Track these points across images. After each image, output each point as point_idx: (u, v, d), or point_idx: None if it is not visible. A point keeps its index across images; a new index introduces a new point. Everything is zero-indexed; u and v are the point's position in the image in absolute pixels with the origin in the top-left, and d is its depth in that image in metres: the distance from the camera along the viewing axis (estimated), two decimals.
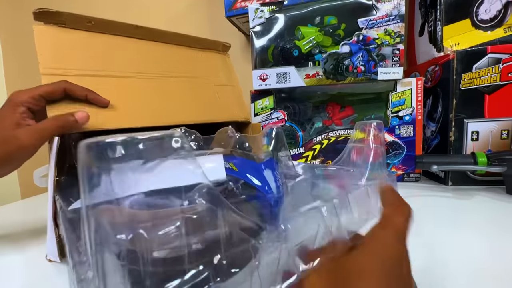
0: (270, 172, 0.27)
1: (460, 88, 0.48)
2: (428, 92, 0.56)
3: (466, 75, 0.47)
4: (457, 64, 0.47)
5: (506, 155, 0.42)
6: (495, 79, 0.46)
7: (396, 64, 0.51)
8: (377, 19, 0.50)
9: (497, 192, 0.45)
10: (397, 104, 0.54)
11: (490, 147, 0.48)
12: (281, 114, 0.60)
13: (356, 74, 0.53)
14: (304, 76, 0.55)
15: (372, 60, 0.52)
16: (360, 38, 0.51)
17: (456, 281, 0.24)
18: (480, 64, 0.47)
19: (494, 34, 0.50)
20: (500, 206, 0.40)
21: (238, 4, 0.59)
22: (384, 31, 0.50)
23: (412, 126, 0.53)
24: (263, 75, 0.56)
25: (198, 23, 0.82)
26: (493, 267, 0.26)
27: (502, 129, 0.47)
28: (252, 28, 0.56)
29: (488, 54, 0.46)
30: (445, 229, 0.33)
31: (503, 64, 0.46)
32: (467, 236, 0.32)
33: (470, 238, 0.31)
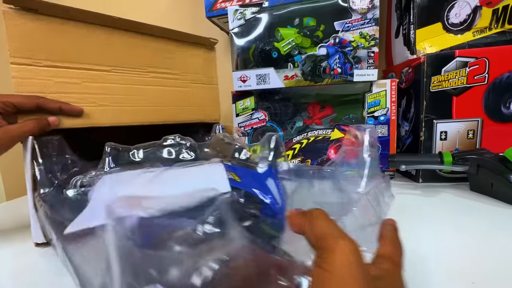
0: (273, 181, 0.27)
1: (430, 90, 0.50)
2: (402, 92, 0.58)
3: (435, 77, 0.49)
4: (427, 67, 0.49)
5: (469, 154, 0.44)
6: (462, 82, 0.49)
7: (371, 66, 0.53)
8: (352, 22, 0.52)
9: (462, 189, 0.48)
10: (372, 105, 0.56)
11: (458, 146, 0.51)
12: (262, 114, 0.61)
13: (333, 76, 0.54)
14: (283, 78, 0.56)
15: (348, 62, 0.53)
16: (337, 40, 0.53)
17: (416, 271, 0.26)
18: (448, 67, 0.49)
19: (463, 38, 0.52)
20: (462, 202, 0.43)
21: (218, 5, 0.60)
22: (359, 34, 0.52)
23: (387, 126, 0.55)
24: (243, 76, 0.57)
25: (181, 22, 0.82)
26: (453, 258, 0.28)
27: (468, 129, 0.50)
28: (232, 29, 0.56)
29: (456, 58, 0.48)
30: (408, 224, 0.36)
31: (470, 67, 0.48)
32: (428, 230, 0.34)
33: (430, 232, 0.33)
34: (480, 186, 0.45)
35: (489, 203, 0.42)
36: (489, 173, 0.42)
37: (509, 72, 0.48)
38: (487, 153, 0.44)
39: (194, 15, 0.80)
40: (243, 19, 0.56)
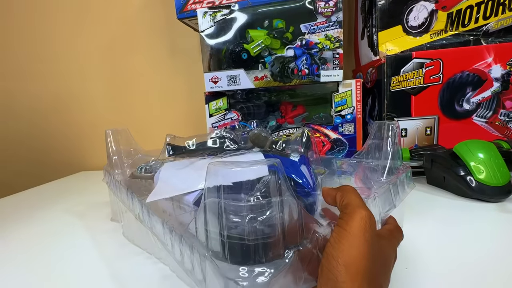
0: (305, 167, 0.30)
1: (390, 90, 0.53)
2: (368, 92, 0.61)
3: (395, 78, 0.52)
4: (387, 68, 0.52)
5: (424, 150, 0.47)
6: (419, 82, 0.52)
7: (336, 67, 0.55)
8: (318, 24, 0.54)
9: (420, 182, 0.51)
10: (339, 104, 0.58)
11: (417, 143, 0.54)
12: (235, 114, 0.62)
13: (301, 77, 0.56)
14: (253, 79, 0.57)
15: (315, 64, 0.55)
16: (303, 42, 0.55)
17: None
18: (406, 68, 0.52)
19: (422, 40, 0.55)
20: (417, 194, 0.46)
21: (188, 7, 0.60)
22: (324, 36, 0.54)
23: (353, 124, 0.58)
24: (215, 77, 0.58)
25: (154, 23, 0.82)
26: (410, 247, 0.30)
27: (426, 126, 0.53)
28: (202, 31, 0.57)
29: (413, 59, 0.51)
30: None
31: (426, 68, 0.51)
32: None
33: None
34: (434, 179, 0.48)
35: (441, 195, 0.45)
36: (441, 167, 0.45)
37: (462, 72, 0.51)
38: (440, 148, 0.47)
39: (166, 15, 0.80)
40: (212, 21, 0.57)
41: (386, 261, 0.21)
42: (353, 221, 0.19)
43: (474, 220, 0.37)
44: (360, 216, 0.19)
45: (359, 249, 0.18)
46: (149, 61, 0.85)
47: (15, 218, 0.49)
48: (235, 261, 0.17)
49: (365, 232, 0.18)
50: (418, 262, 0.28)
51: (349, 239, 0.18)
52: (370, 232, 0.19)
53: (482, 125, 0.52)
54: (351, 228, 0.19)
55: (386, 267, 0.21)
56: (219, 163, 0.18)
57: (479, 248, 0.30)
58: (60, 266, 0.32)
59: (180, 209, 0.27)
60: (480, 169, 0.42)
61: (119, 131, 0.44)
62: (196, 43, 0.80)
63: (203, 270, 0.19)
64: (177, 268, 0.27)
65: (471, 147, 0.43)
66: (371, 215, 0.19)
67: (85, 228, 0.43)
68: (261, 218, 0.17)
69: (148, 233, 0.29)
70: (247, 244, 0.17)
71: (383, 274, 0.20)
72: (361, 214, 0.19)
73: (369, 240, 0.18)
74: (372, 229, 0.19)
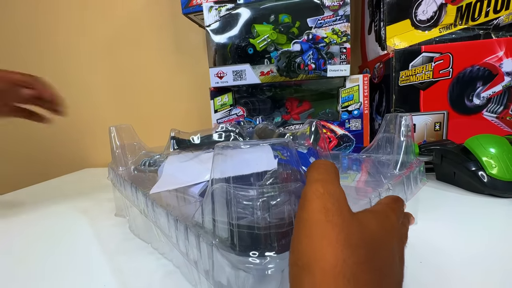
0: (314, 159, 0.29)
1: (398, 85, 0.52)
2: (375, 87, 0.60)
3: (403, 72, 0.51)
4: (396, 62, 0.51)
5: (434, 145, 0.46)
6: (428, 76, 0.51)
7: (343, 62, 0.54)
8: (324, 18, 0.53)
9: (429, 178, 0.50)
10: (346, 100, 0.57)
11: (425, 138, 0.53)
12: (240, 110, 0.62)
13: (308, 72, 0.55)
14: (259, 74, 0.57)
15: (322, 58, 0.55)
16: (310, 37, 0.54)
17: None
18: (415, 62, 0.51)
19: (431, 34, 0.54)
20: (428, 190, 0.45)
21: (194, 1, 0.60)
22: (331, 31, 0.53)
23: (360, 119, 0.57)
24: (220, 72, 0.58)
25: (159, 18, 0.82)
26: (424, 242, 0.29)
27: (435, 121, 0.52)
28: (208, 26, 0.57)
29: (422, 53, 0.51)
30: None
31: (435, 62, 0.50)
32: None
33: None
34: (444, 175, 0.47)
35: (452, 191, 0.44)
36: (451, 162, 0.44)
37: (472, 67, 0.50)
38: (450, 143, 0.46)
39: (172, 11, 0.80)
40: (218, 16, 0.56)
41: (384, 246, 0.14)
42: (304, 203, 0.14)
43: (487, 215, 0.36)
44: (316, 194, 0.14)
45: (323, 236, 0.12)
46: (153, 56, 0.85)
47: (19, 214, 0.49)
48: (244, 249, 0.17)
49: (326, 212, 0.13)
50: (432, 257, 0.27)
51: (303, 230, 0.13)
52: (336, 211, 0.13)
53: (492, 120, 0.51)
54: (302, 213, 0.14)
55: (386, 254, 0.14)
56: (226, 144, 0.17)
57: (492, 244, 0.29)
58: (63, 261, 0.32)
59: (185, 201, 0.26)
60: (492, 164, 0.41)
61: (123, 128, 0.44)
62: (201, 39, 0.80)
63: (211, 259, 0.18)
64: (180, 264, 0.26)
65: (482, 142, 0.42)
66: (331, 189, 0.14)
67: (88, 223, 0.42)
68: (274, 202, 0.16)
69: (152, 227, 0.28)
70: (257, 232, 0.16)
71: (384, 265, 0.14)
72: (312, 190, 0.14)
73: (335, 222, 0.13)
74: (338, 207, 0.13)
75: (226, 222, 0.17)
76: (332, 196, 0.14)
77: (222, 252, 0.17)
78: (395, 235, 0.16)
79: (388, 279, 0.13)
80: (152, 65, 0.85)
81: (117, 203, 0.44)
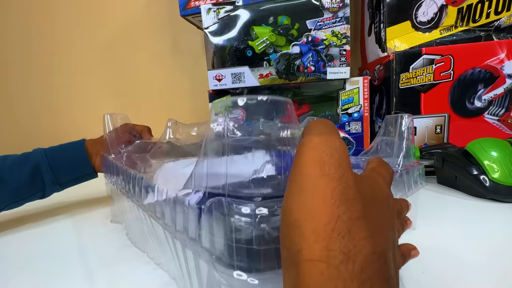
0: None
1: (399, 87, 0.51)
2: (376, 89, 0.60)
3: (404, 75, 0.51)
4: (396, 64, 0.51)
5: (435, 149, 0.46)
6: (429, 79, 0.50)
7: (343, 64, 0.54)
8: (324, 20, 0.52)
9: (430, 182, 0.50)
10: (346, 102, 0.57)
11: (426, 141, 0.52)
12: (240, 112, 0.61)
13: (307, 74, 0.55)
14: (258, 76, 0.56)
15: (321, 61, 0.54)
16: (309, 39, 0.53)
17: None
18: (416, 64, 0.50)
19: (431, 36, 0.53)
20: (429, 194, 0.44)
21: (192, 3, 0.59)
22: (331, 33, 0.53)
23: (360, 122, 0.56)
24: (219, 75, 0.57)
25: (157, 20, 0.81)
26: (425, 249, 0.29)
27: (436, 124, 0.52)
28: (206, 28, 0.56)
29: (423, 55, 0.50)
30: None
31: (436, 64, 0.50)
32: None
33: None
34: (445, 179, 0.46)
35: (453, 195, 0.43)
36: (453, 166, 0.44)
37: (473, 69, 0.50)
38: (452, 147, 0.46)
39: (170, 13, 0.79)
40: (216, 18, 0.55)
41: (378, 203, 0.14)
42: (298, 155, 0.13)
43: (489, 220, 0.36)
44: (310, 145, 0.13)
45: (316, 191, 0.11)
46: (152, 58, 0.84)
47: (10, 219, 0.47)
48: (243, 267, 0.16)
49: (321, 165, 0.12)
50: (435, 265, 0.26)
51: (295, 186, 0.12)
52: (334, 163, 0.12)
53: (494, 123, 0.51)
54: (295, 167, 0.13)
55: (382, 211, 0.14)
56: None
57: (495, 250, 0.29)
58: (55, 269, 0.31)
59: (182, 211, 0.26)
60: (495, 168, 0.40)
61: (118, 116, 0.42)
62: (200, 41, 0.79)
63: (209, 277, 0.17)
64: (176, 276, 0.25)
65: (484, 145, 0.41)
66: (329, 139, 0.13)
67: (84, 230, 0.41)
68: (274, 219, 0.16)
69: (148, 237, 0.28)
70: (256, 249, 0.15)
71: (380, 221, 0.13)
72: (310, 142, 0.13)
73: (332, 175, 0.12)
74: (336, 159, 0.12)
75: (223, 236, 0.17)
76: (329, 147, 0.12)
77: (219, 268, 0.16)
78: (385, 200, 0.15)
79: (383, 237, 0.12)
80: (151, 67, 0.85)
81: (113, 209, 0.43)
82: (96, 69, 0.88)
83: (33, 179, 0.40)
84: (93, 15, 0.84)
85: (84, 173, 0.45)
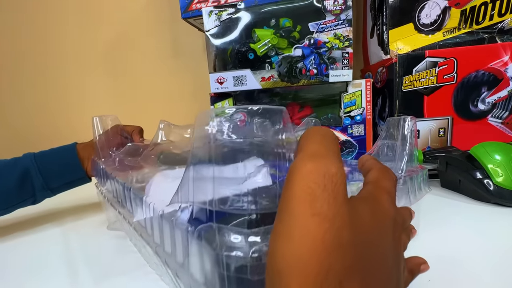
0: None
1: (402, 90, 0.51)
2: (378, 92, 0.59)
3: (407, 77, 0.51)
4: (399, 67, 0.51)
5: (439, 152, 0.46)
6: (432, 81, 0.50)
7: (346, 66, 0.53)
8: (326, 23, 0.52)
9: (434, 185, 0.49)
10: (348, 105, 0.56)
11: (430, 144, 0.52)
12: (241, 116, 0.61)
13: (309, 77, 0.55)
14: (260, 79, 0.56)
15: (324, 63, 0.54)
16: (312, 41, 0.53)
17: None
18: (419, 67, 0.50)
19: (434, 38, 0.53)
20: (432, 198, 0.44)
21: (193, 6, 0.59)
22: (333, 35, 0.52)
23: (363, 125, 0.56)
24: (220, 78, 0.57)
25: (158, 22, 0.81)
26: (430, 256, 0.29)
27: (439, 127, 0.52)
28: (207, 31, 0.56)
29: (426, 58, 0.50)
30: None
31: (439, 67, 0.50)
32: None
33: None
34: (449, 182, 0.46)
35: (457, 199, 0.43)
36: (456, 170, 0.43)
37: (476, 72, 0.49)
38: (455, 150, 0.46)
39: (171, 15, 0.79)
40: (218, 21, 0.55)
41: (377, 242, 0.12)
42: (287, 184, 0.11)
43: (493, 225, 0.35)
44: (300, 173, 0.11)
45: (304, 236, 0.10)
46: (153, 61, 0.84)
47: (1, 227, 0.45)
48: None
49: (311, 201, 0.10)
50: (440, 273, 0.26)
51: (282, 225, 0.10)
52: (327, 197, 0.10)
53: (497, 126, 0.50)
54: (283, 201, 0.11)
55: (379, 252, 0.12)
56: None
57: (500, 255, 0.28)
58: (50, 281, 0.30)
59: (174, 228, 0.22)
60: (499, 172, 0.40)
61: (108, 118, 0.40)
62: (201, 43, 0.79)
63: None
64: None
65: (488, 149, 0.41)
66: (324, 166, 0.11)
67: (82, 238, 0.39)
68: None
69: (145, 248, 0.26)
70: (249, 279, 0.13)
71: (376, 266, 0.11)
72: (298, 167, 0.11)
73: (324, 214, 0.10)
74: (330, 192, 0.10)
75: (214, 265, 0.15)
76: (323, 176, 0.11)
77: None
78: (389, 225, 0.13)
79: (379, 282, 0.11)
80: (151, 69, 0.84)
81: (108, 215, 0.41)
82: (96, 70, 0.88)
83: (22, 184, 0.39)
84: (93, 17, 0.84)
85: (75, 178, 0.44)
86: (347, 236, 0.10)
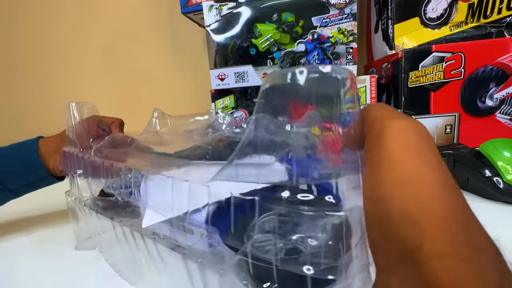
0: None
1: (408, 86, 0.50)
2: (383, 88, 0.58)
3: (413, 73, 0.49)
4: (405, 63, 0.49)
5: (446, 150, 0.44)
6: (439, 77, 0.49)
7: (350, 62, 0.52)
8: (330, 17, 0.51)
9: None
10: None
11: (436, 141, 0.51)
12: (242, 113, 0.60)
13: None
14: (262, 75, 0.55)
15: (327, 59, 0.52)
16: (315, 36, 0.52)
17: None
18: (425, 62, 0.49)
19: (441, 32, 0.52)
20: None
21: (193, 0, 0.58)
22: (337, 30, 0.51)
23: None
24: (221, 74, 0.56)
25: (158, 18, 0.79)
26: None
27: (446, 124, 0.50)
28: (208, 26, 0.54)
29: (432, 53, 0.48)
30: None
31: (446, 62, 0.48)
32: None
33: None
34: (457, 181, 0.45)
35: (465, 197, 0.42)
36: (464, 168, 0.42)
37: (484, 67, 0.48)
38: (463, 148, 0.44)
39: (170, 10, 0.77)
40: (218, 15, 0.54)
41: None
42: (387, 139, 0.11)
43: (503, 224, 0.34)
44: (391, 127, 0.11)
45: (424, 181, 0.10)
46: (152, 57, 0.82)
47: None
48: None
49: (419, 151, 0.11)
50: None
51: (394, 171, 0.11)
52: (430, 148, 0.11)
53: (506, 122, 0.49)
54: (385, 151, 0.11)
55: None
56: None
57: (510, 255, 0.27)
58: None
59: (186, 232, 0.20)
60: (509, 170, 0.39)
61: (85, 106, 0.35)
62: (201, 39, 0.78)
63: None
64: None
65: (498, 146, 0.40)
66: (411, 121, 0.11)
67: (51, 258, 0.33)
68: None
69: (142, 264, 0.23)
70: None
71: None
72: (389, 125, 0.11)
73: (432, 163, 0.11)
74: (429, 143, 0.11)
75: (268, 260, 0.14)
76: (419, 131, 0.11)
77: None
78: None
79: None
80: (151, 66, 0.83)
81: (77, 232, 0.34)
82: (95, 67, 0.86)
83: None
84: (92, 13, 0.83)
85: (36, 178, 0.37)
86: (453, 181, 0.11)
